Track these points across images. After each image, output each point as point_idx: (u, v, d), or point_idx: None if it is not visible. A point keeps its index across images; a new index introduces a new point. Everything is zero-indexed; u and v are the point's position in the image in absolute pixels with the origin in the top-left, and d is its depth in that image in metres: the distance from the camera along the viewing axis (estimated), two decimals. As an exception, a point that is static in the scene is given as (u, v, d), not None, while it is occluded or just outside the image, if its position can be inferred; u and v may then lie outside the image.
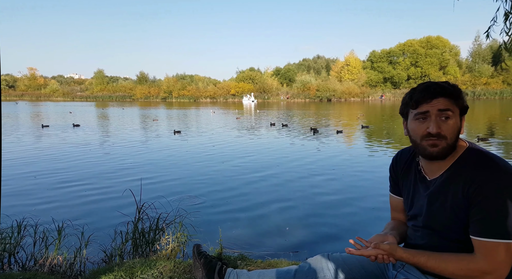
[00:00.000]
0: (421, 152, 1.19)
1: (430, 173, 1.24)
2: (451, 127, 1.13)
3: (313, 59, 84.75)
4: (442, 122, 1.13)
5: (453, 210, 1.13)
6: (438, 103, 1.13)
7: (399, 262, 1.36)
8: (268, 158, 8.73)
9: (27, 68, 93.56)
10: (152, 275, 2.12)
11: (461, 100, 1.15)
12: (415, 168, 1.31)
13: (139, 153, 9.70)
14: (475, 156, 1.14)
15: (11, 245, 3.06)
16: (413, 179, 1.30)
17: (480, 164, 1.10)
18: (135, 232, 3.10)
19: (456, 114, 1.14)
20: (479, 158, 1.12)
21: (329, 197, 5.38)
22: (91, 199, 5.39)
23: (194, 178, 6.67)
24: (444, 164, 1.18)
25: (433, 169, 1.22)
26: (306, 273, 1.45)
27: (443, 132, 1.12)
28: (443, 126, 1.13)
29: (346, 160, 8.43)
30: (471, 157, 1.14)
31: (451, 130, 1.13)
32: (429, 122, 1.13)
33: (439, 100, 1.13)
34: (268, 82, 67.69)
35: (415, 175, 1.30)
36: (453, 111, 1.13)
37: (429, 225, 1.22)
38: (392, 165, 1.42)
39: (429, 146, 1.15)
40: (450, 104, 1.13)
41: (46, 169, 7.60)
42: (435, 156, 1.15)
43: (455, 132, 1.14)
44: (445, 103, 1.13)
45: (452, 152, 1.16)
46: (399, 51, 68.31)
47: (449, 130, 1.13)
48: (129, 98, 72.67)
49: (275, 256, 2.93)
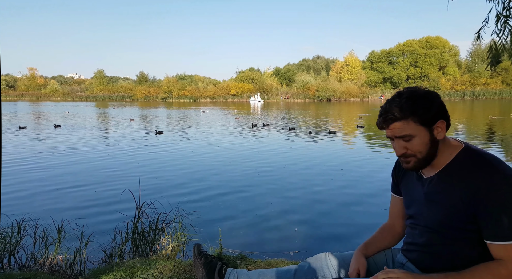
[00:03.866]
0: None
1: (426, 172, 1.25)
2: (417, 145, 1.15)
3: (312, 59, 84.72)
4: (406, 142, 1.16)
5: (450, 209, 1.13)
6: (394, 129, 1.15)
7: (398, 263, 1.37)
8: (269, 158, 8.74)
9: (27, 68, 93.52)
10: (152, 274, 2.12)
11: (421, 116, 1.12)
12: None
13: (139, 152, 9.72)
14: (470, 157, 1.14)
15: (11, 245, 3.06)
16: (411, 178, 1.33)
17: (476, 165, 1.11)
18: (135, 232, 3.10)
19: (419, 131, 1.13)
20: (475, 159, 1.13)
21: (329, 197, 5.38)
22: (91, 199, 5.39)
23: (194, 178, 6.67)
24: (439, 163, 1.19)
25: (429, 167, 1.23)
26: (306, 272, 1.45)
27: (408, 152, 1.16)
28: (408, 145, 1.16)
29: (347, 159, 8.44)
30: (466, 158, 1.15)
31: (418, 147, 1.15)
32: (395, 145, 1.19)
33: (395, 124, 1.14)
34: (267, 83, 67.65)
35: (413, 174, 1.32)
36: (412, 132, 1.13)
37: (426, 223, 1.23)
38: (394, 167, 1.45)
39: (404, 163, 1.21)
40: (406, 127, 1.13)
41: (47, 168, 7.61)
42: (412, 170, 1.21)
43: (424, 147, 1.15)
44: (401, 127, 1.14)
45: (429, 163, 1.18)
46: (399, 52, 68.33)
47: (414, 148, 1.15)
48: (129, 99, 72.66)
49: (275, 256, 2.94)
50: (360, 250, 1.44)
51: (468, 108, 30.35)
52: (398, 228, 1.46)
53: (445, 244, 1.18)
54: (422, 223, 1.24)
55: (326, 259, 1.48)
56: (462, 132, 13.45)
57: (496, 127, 15.06)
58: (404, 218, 1.44)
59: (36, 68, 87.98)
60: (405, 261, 1.33)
